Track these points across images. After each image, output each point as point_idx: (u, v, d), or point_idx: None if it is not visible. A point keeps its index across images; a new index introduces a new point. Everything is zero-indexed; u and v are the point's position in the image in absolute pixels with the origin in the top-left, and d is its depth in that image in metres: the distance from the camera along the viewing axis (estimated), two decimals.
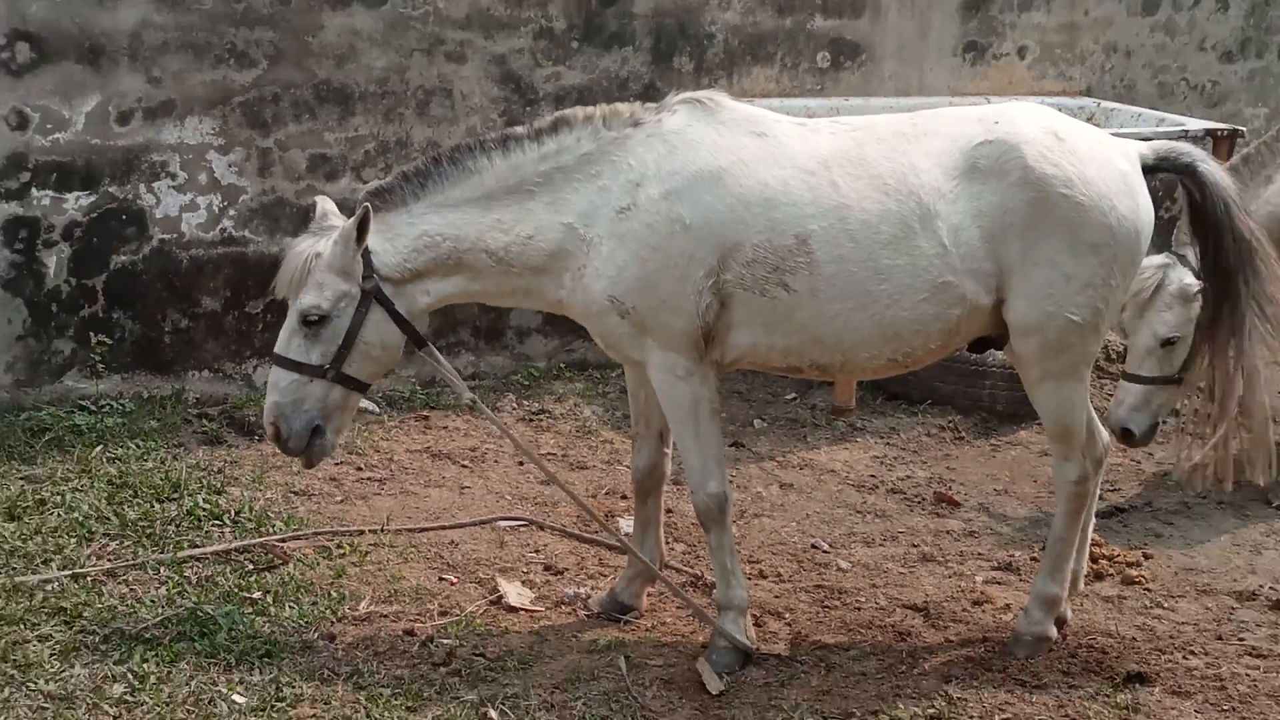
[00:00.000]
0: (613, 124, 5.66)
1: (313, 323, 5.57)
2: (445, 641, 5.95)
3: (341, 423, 5.80)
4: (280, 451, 5.84)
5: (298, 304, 5.59)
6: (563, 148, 5.64)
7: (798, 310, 5.59)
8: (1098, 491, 6.31)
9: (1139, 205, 5.75)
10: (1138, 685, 5.84)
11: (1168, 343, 6.89)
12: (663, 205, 5.51)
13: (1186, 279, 6.76)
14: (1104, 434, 6.20)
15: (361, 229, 5.47)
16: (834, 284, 5.56)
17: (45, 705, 5.34)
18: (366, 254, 5.54)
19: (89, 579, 6.29)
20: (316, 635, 5.95)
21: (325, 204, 5.84)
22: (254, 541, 6.70)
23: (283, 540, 6.74)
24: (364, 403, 8.38)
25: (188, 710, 5.35)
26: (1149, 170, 5.89)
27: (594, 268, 5.57)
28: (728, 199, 5.52)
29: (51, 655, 5.67)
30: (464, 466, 7.82)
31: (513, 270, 5.68)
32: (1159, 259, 6.82)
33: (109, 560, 6.48)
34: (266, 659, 5.72)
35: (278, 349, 5.66)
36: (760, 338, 5.66)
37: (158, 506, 7.01)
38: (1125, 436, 7.00)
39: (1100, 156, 5.74)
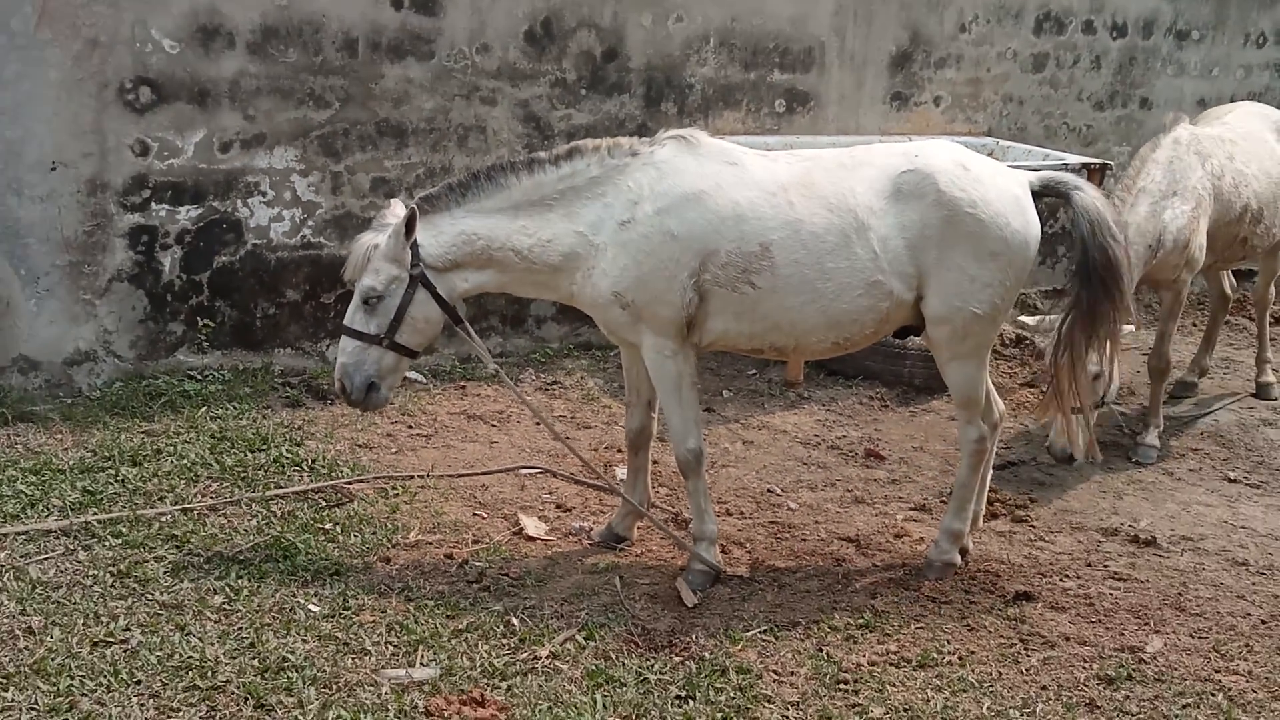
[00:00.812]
0: (615, 153, 5.64)
1: (370, 300, 5.61)
2: (477, 564, 5.95)
3: (394, 381, 5.82)
4: (345, 402, 5.84)
5: (359, 285, 5.63)
6: (576, 171, 5.63)
7: (761, 303, 5.59)
8: (994, 449, 6.30)
9: (1029, 222, 5.75)
10: (1024, 602, 5.86)
11: (1096, 377, 6.84)
12: (656, 220, 5.50)
13: None
14: (999, 403, 6.19)
15: (409, 226, 5.50)
16: (790, 282, 5.56)
17: (160, 612, 5.34)
18: (415, 246, 5.56)
19: (195, 513, 6.28)
20: (375, 558, 5.95)
21: (396, 206, 5.83)
22: (326, 484, 6.68)
23: (349, 483, 6.72)
24: (414, 375, 8.39)
25: (273, 616, 5.36)
26: (1036, 195, 5.88)
27: (600, 269, 5.56)
28: (707, 214, 5.51)
29: (165, 573, 5.68)
30: (493, 426, 7.80)
31: (534, 267, 5.67)
32: None
33: (211, 498, 6.46)
34: (336, 576, 5.73)
35: (345, 321, 5.71)
36: (731, 325, 5.65)
37: (250, 455, 6.99)
38: (1070, 460, 6.91)
39: (998, 183, 5.73)
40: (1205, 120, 8.18)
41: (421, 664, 5.07)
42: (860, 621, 5.60)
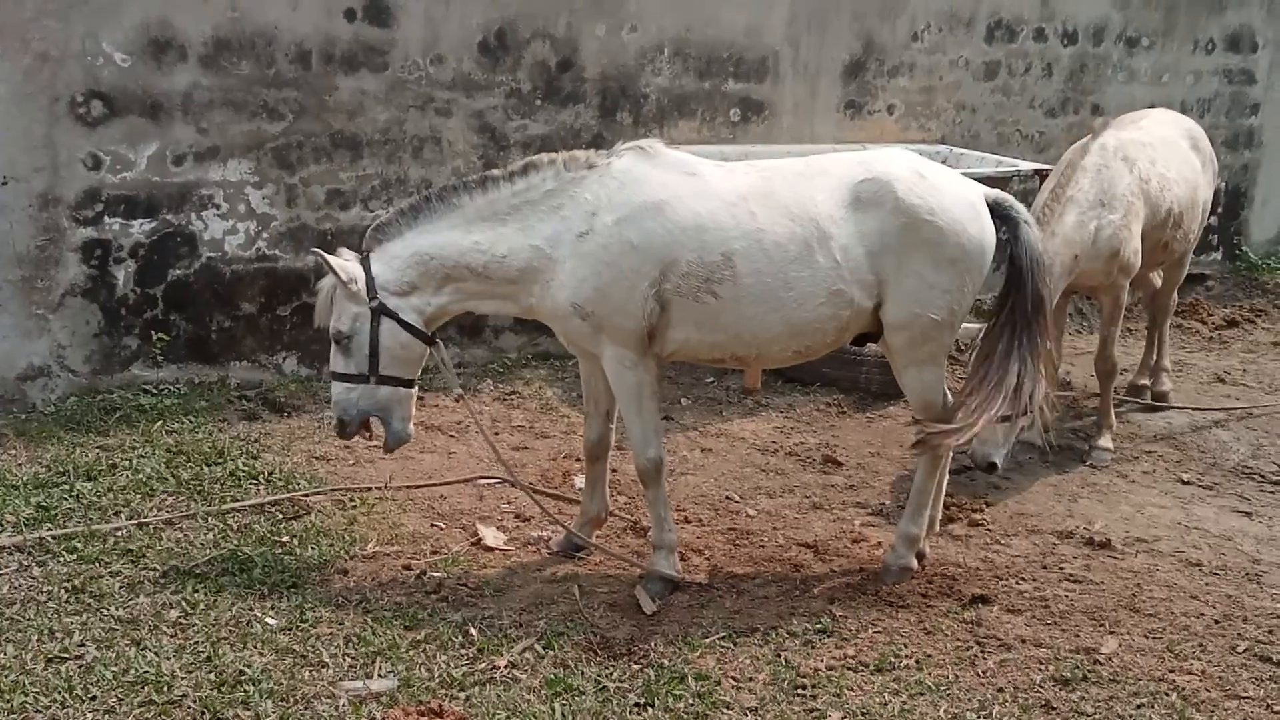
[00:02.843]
0: (572, 166, 5.64)
1: (341, 342, 5.65)
2: (436, 575, 5.94)
3: (404, 412, 5.83)
4: (343, 439, 5.98)
5: (330, 331, 5.70)
6: (530, 186, 5.63)
7: (723, 313, 5.60)
8: (950, 453, 6.34)
9: (984, 229, 5.80)
10: (980, 605, 5.90)
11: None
12: (615, 230, 5.50)
13: None
14: None
15: (331, 269, 5.59)
16: (752, 292, 5.57)
17: (115, 627, 5.32)
18: (370, 278, 5.59)
19: (151, 527, 6.24)
20: (333, 570, 5.94)
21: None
22: (283, 496, 6.66)
23: (306, 495, 6.70)
24: None
25: (230, 630, 5.34)
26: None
27: (559, 281, 5.56)
28: (667, 225, 5.51)
29: (120, 587, 5.65)
30: (451, 436, 7.78)
31: (491, 281, 5.67)
32: None
33: (167, 512, 6.43)
34: (293, 589, 5.71)
35: (330, 367, 5.84)
36: (692, 334, 5.66)
37: (206, 469, 6.94)
38: (991, 468, 6.80)
39: (954, 190, 5.79)
40: (1120, 126, 8.18)
41: (379, 675, 5.06)
42: (818, 627, 5.62)
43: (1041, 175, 9.23)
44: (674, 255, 5.52)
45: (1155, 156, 7.78)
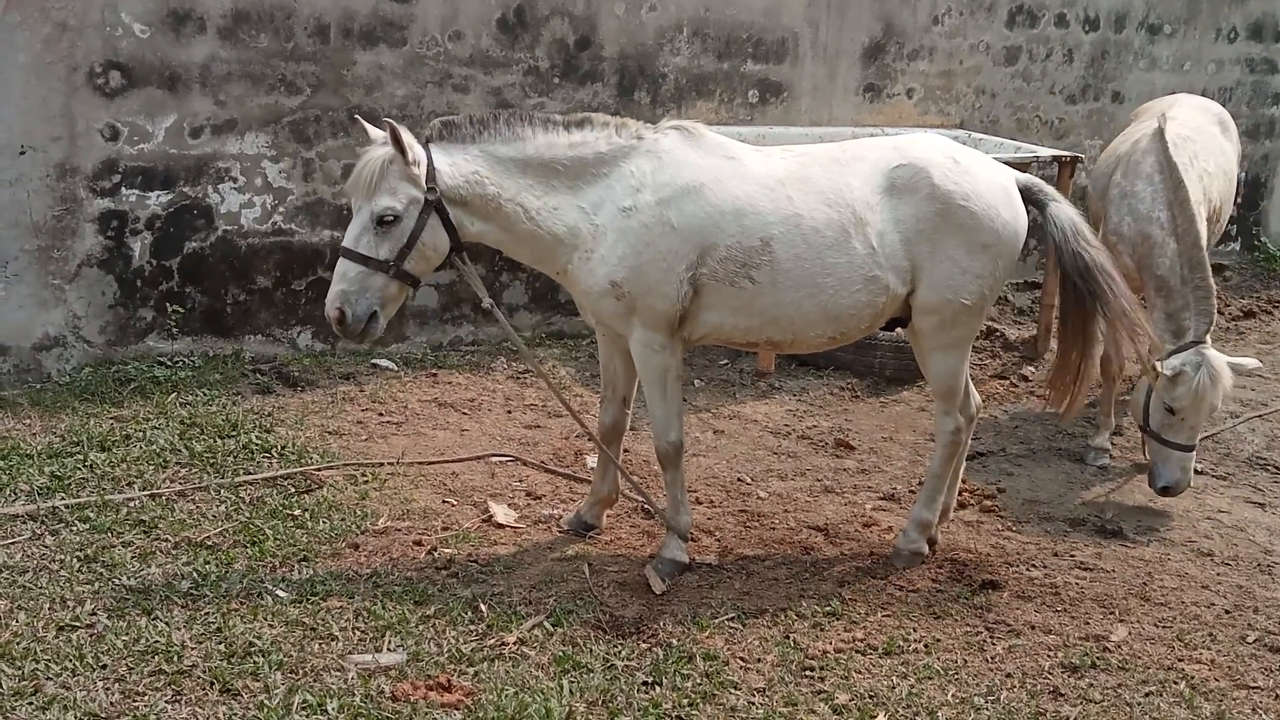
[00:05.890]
0: (623, 133, 5.61)
1: (386, 221, 5.33)
2: (446, 551, 5.96)
3: (392, 311, 5.53)
4: (341, 333, 5.40)
5: (373, 205, 5.32)
6: (585, 142, 5.56)
7: (760, 297, 5.60)
8: (969, 440, 6.33)
9: (1017, 213, 5.82)
10: (990, 590, 5.90)
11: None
12: (656, 210, 5.49)
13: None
14: (976, 395, 6.22)
15: (397, 143, 5.28)
16: (790, 277, 5.57)
17: (127, 597, 5.33)
18: (432, 169, 5.38)
19: (164, 498, 6.27)
20: (344, 545, 5.95)
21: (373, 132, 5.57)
22: (296, 470, 6.68)
23: (318, 469, 6.72)
24: (384, 362, 8.38)
25: (240, 602, 5.36)
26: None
27: (600, 255, 5.52)
28: (707, 208, 5.51)
29: (133, 558, 5.67)
30: (464, 414, 7.79)
31: (538, 232, 5.56)
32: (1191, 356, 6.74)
33: (180, 484, 6.45)
34: (304, 562, 5.74)
35: (347, 244, 5.36)
36: (726, 319, 5.66)
37: (219, 442, 6.97)
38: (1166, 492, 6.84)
39: (987, 175, 5.80)
40: (1148, 115, 8.09)
41: (389, 649, 5.08)
42: (827, 609, 5.63)
43: (1060, 161, 9.19)
44: (713, 239, 5.52)
45: (1198, 150, 7.68)
